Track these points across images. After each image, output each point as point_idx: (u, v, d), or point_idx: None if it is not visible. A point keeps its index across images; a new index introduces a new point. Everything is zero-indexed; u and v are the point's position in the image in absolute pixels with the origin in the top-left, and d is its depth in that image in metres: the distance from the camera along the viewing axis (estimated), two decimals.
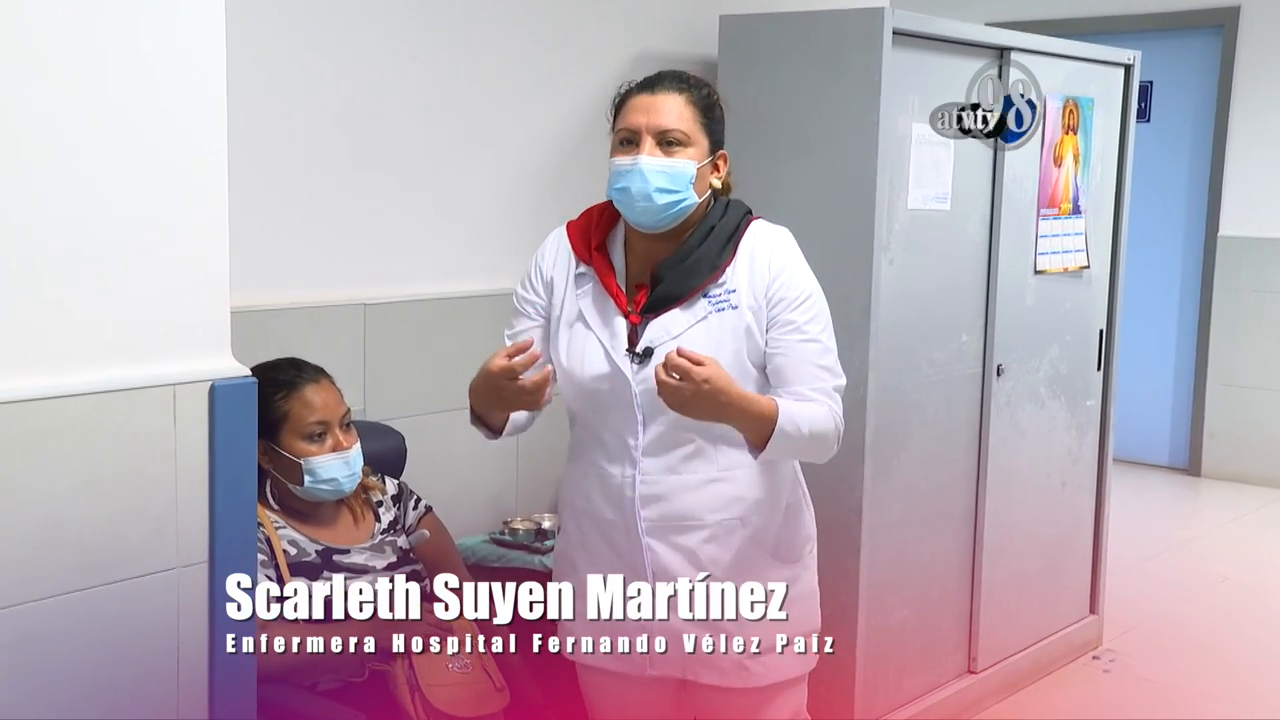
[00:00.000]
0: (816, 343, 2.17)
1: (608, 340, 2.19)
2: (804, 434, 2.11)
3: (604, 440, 2.23)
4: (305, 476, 2.42)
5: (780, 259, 2.20)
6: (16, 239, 1.73)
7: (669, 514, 2.19)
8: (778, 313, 2.17)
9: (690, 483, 2.19)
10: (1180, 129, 6.54)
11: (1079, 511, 4.10)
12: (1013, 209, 3.61)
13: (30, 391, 1.74)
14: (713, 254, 2.18)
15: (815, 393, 2.15)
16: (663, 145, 2.15)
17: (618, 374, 2.17)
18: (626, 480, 2.20)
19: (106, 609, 1.82)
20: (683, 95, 2.18)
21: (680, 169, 2.14)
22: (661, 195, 2.13)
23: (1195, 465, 6.58)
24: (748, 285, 2.18)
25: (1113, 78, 3.96)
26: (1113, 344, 4.08)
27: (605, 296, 2.21)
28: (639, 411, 2.17)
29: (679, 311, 2.17)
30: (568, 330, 2.23)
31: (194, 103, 1.88)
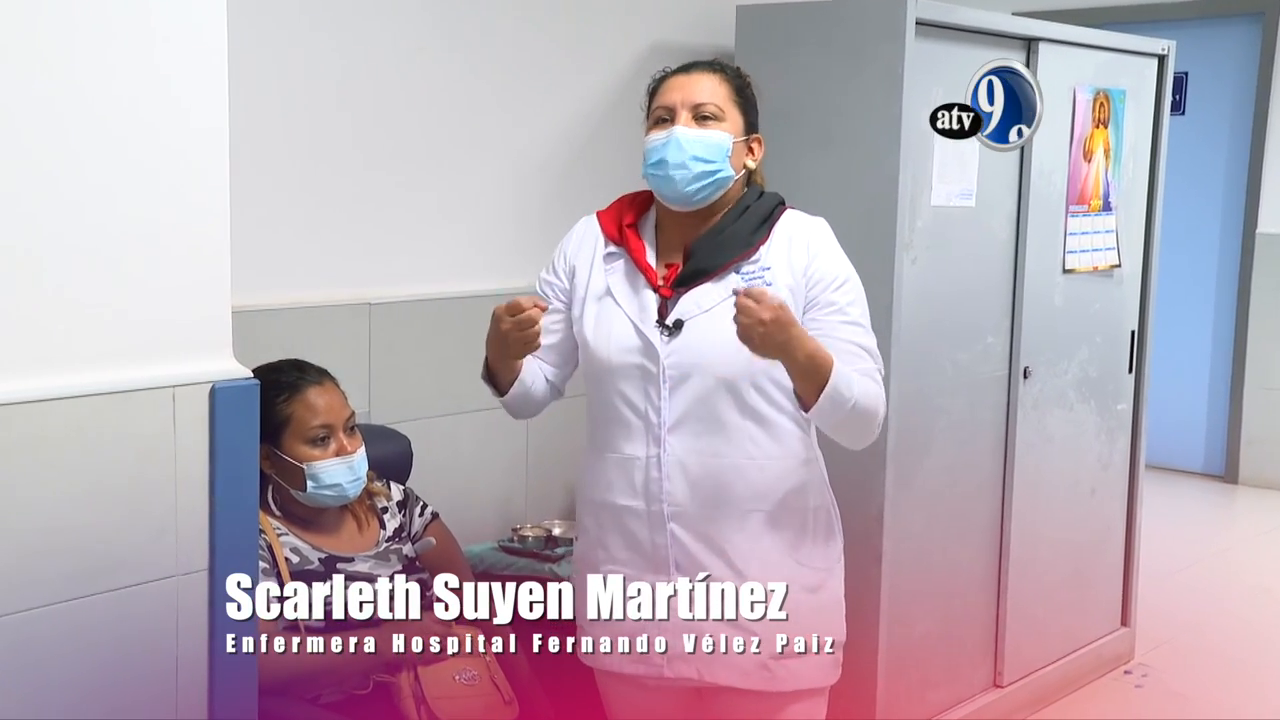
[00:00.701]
0: (857, 325, 2.21)
1: (635, 313, 2.22)
2: (854, 397, 2.11)
3: (626, 420, 2.24)
4: (308, 482, 2.43)
5: (819, 241, 2.25)
6: (12, 237, 1.74)
7: (695, 498, 2.20)
8: (817, 293, 2.20)
9: (718, 466, 2.20)
10: (1217, 122, 6.52)
11: (1109, 520, 4.09)
12: (1040, 205, 3.61)
13: (25, 394, 1.75)
14: (746, 231, 2.22)
15: (858, 373, 2.16)
16: (698, 119, 2.22)
17: (646, 346, 2.20)
18: (651, 460, 2.21)
19: (104, 617, 1.83)
20: (716, 74, 2.27)
21: (716, 139, 2.21)
22: (697, 164, 2.19)
23: (1232, 472, 6.56)
24: (785, 264, 2.21)
25: (1146, 69, 3.96)
26: (1145, 346, 4.08)
27: (635, 272, 2.25)
28: (665, 386, 2.19)
29: (711, 285, 2.20)
30: (595, 304, 2.27)
31: (195, 97, 1.90)
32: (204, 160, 1.92)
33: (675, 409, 2.20)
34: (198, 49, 1.89)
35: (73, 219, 1.80)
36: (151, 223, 1.87)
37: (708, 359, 2.18)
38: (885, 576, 3.26)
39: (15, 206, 1.74)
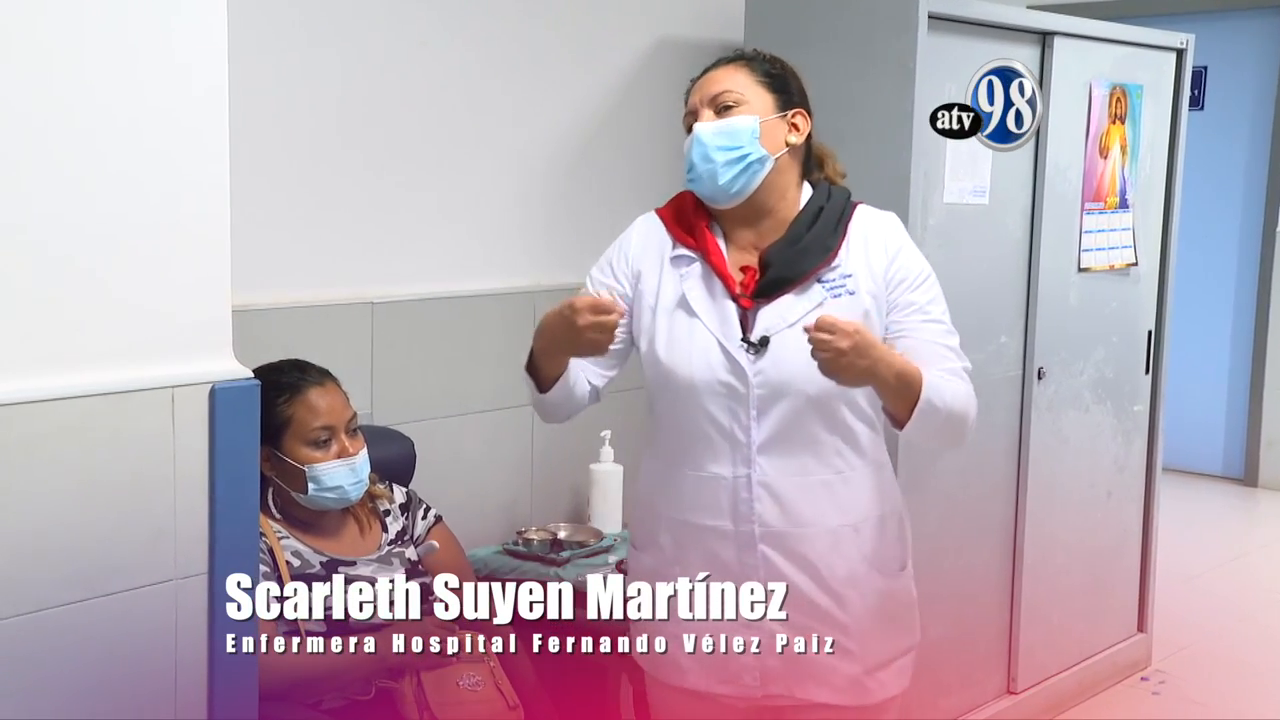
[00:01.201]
0: (940, 323, 2.18)
1: (717, 327, 2.15)
2: (947, 406, 2.07)
3: (710, 438, 2.16)
4: (309, 484, 2.43)
5: (896, 240, 2.20)
6: (9, 237, 1.75)
7: (786, 518, 2.15)
8: (898, 294, 2.16)
9: (809, 484, 2.15)
10: (1236, 117, 6.51)
11: (1126, 523, 4.09)
12: (1055, 203, 3.61)
13: (21, 394, 1.76)
14: (824, 236, 2.16)
15: (947, 374, 2.12)
16: (718, 112, 2.16)
17: (734, 365, 2.13)
18: (740, 481, 2.15)
19: (102, 621, 1.84)
20: (733, 64, 2.21)
21: (737, 125, 2.14)
22: (721, 154, 2.13)
23: (1251, 475, 6.55)
24: (865, 268, 2.17)
25: (1164, 63, 3.95)
26: (1162, 346, 4.07)
27: (712, 278, 2.17)
28: (754, 406, 2.13)
29: (792, 297, 2.14)
30: (666, 317, 2.19)
31: (195, 96, 1.90)
32: (204, 158, 1.92)
33: (765, 429, 2.14)
34: (197, 48, 1.90)
35: (71, 218, 1.80)
36: (151, 221, 1.87)
37: (799, 378, 2.10)
38: None
39: (13, 207, 1.75)
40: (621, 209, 3.61)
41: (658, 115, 3.64)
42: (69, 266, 1.81)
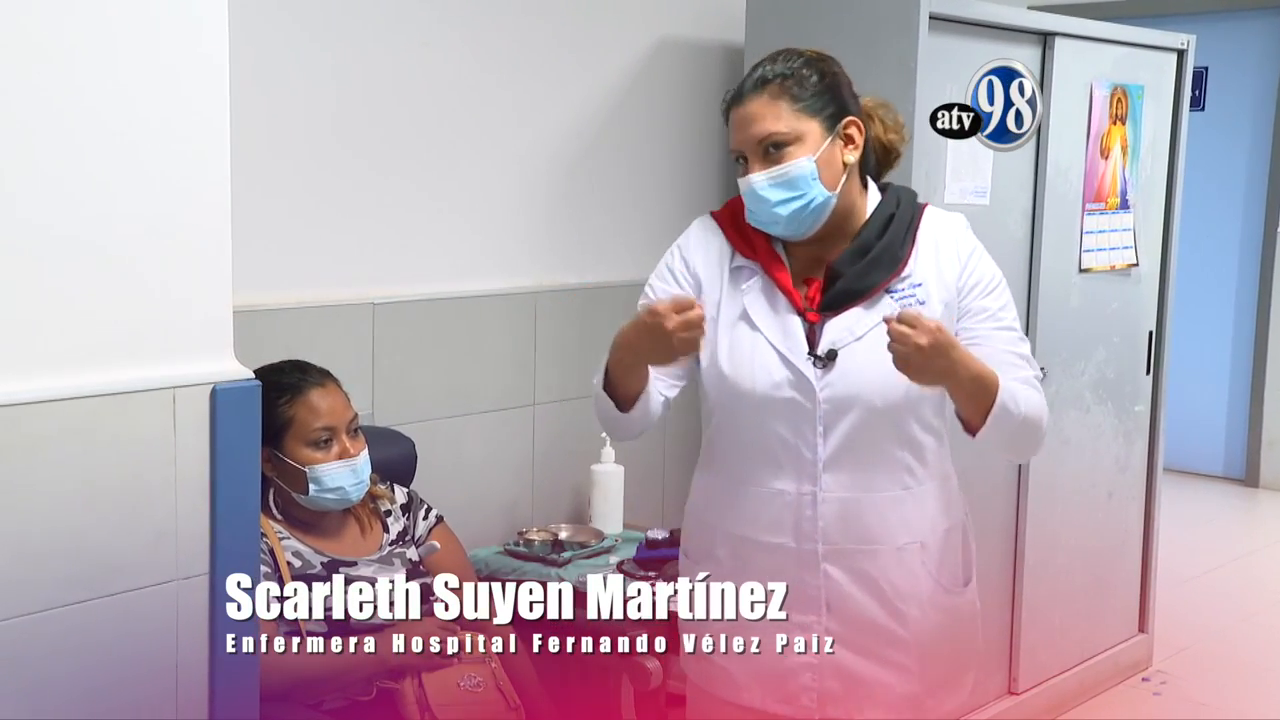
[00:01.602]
0: (1012, 330, 2.11)
1: (780, 341, 2.08)
2: (1021, 414, 2.00)
3: (773, 454, 2.10)
4: (310, 485, 2.43)
5: (966, 244, 2.13)
6: (11, 237, 1.75)
7: (852, 536, 2.09)
8: (971, 300, 2.10)
9: (876, 501, 2.10)
10: (1238, 118, 6.51)
11: (1127, 524, 4.08)
12: (1056, 203, 3.61)
13: (22, 395, 1.76)
14: (894, 246, 2.08)
15: (1020, 383, 2.04)
16: (766, 155, 2.04)
17: (800, 379, 2.07)
18: (805, 499, 2.09)
19: (103, 622, 1.84)
20: (767, 92, 2.06)
21: (794, 172, 2.04)
22: (784, 206, 2.04)
23: (1253, 475, 6.55)
24: (936, 276, 2.09)
25: (1164, 64, 3.95)
26: (1163, 346, 4.07)
27: (775, 292, 2.10)
28: (820, 422, 2.07)
29: (861, 310, 2.07)
30: (728, 332, 2.11)
31: (196, 95, 1.90)
32: (205, 158, 1.92)
33: (832, 444, 2.07)
34: (199, 47, 1.89)
35: (72, 218, 1.80)
36: (152, 222, 1.87)
37: (867, 392, 2.05)
38: None
39: (14, 206, 1.75)
40: (623, 208, 3.63)
41: (659, 115, 3.64)
42: (70, 268, 1.81)
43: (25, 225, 1.76)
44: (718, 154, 3.77)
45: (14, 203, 1.75)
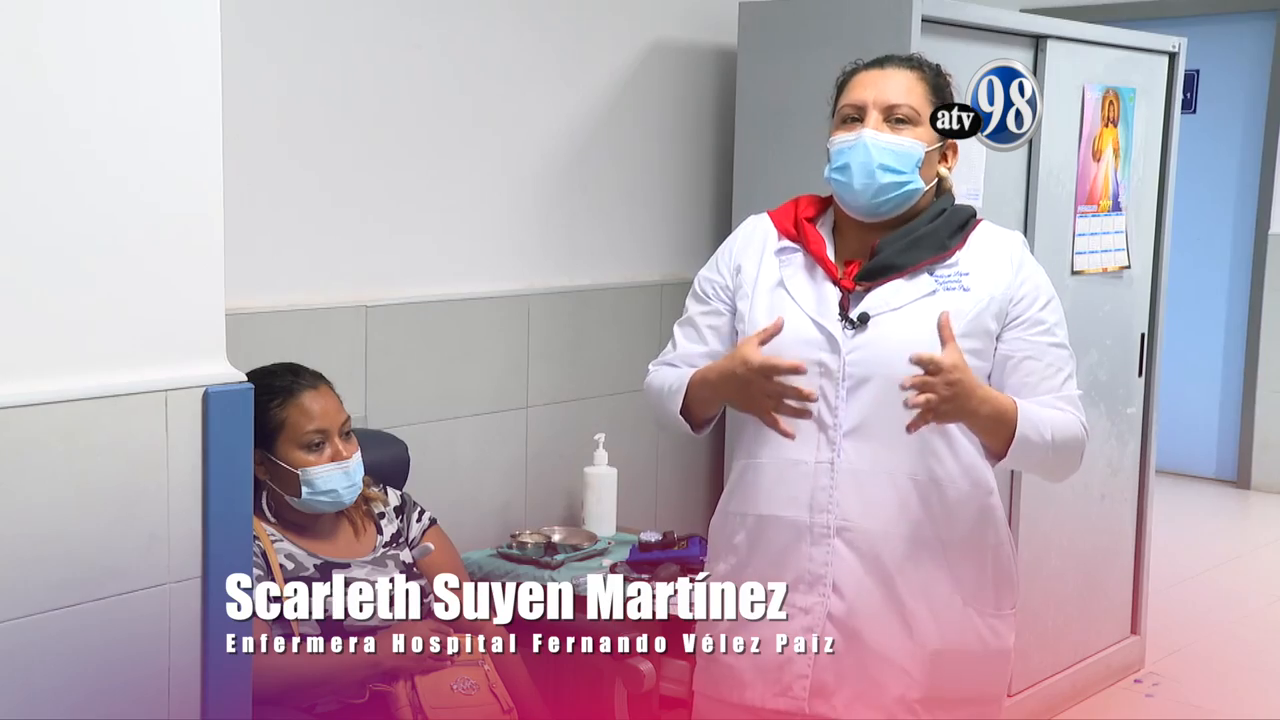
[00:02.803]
0: (1064, 348, 2.09)
1: (813, 306, 2.07)
2: (1047, 440, 1.99)
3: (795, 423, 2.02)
4: (303, 488, 2.43)
5: (1021, 255, 2.11)
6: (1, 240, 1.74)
7: (867, 513, 2.04)
8: (1022, 310, 2.07)
9: (898, 481, 2.04)
10: (1229, 121, 6.53)
11: (1119, 526, 4.09)
12: (1048, 206, 3.61)
13: (14, 398, 1.75)
14: (944, 234, 2.08)
15: (1062, 401, 2.04)
16: (890, 122, 2.07)
17: (828, 339, 2.04)
18: (822, 468, 2.05)
19: (95, 626, 1.83)
20: (913, 72, 2.11)
21: (908, 148, 2.06)
22: (885, 174, 2.04)
23: (1244, 477, 6.56)
24: (986, 274, 2.07)
25: (1156, 66, 3.96)
26: (1155, 348, 4.08)
27: (814, 265, 2.10)
28: (843, 386, 2.04)
29: (901, 282, 2.05)
30: (766, 295, 2.11)
31: (188, 98, 1.90)
32: (198, 161, 1.92)
33: (854, 412, 2.03)
34: (190, 50, 1.89)
35: (63, 222, 1.80)
36: (144, 225, 1.87)
37: (895, 360, 1.98)
38: None
39: (4, 210, 1.74)
40: (615, 212, 3.63)
41: (651, 118, 3.64)
42: (62, 270, 1.80)
43: (15, 229, 1.76)
44: (710, 157, 3.77)
45: (4, 207, 1.74)
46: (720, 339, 2.17)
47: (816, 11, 3.32)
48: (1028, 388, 2.05)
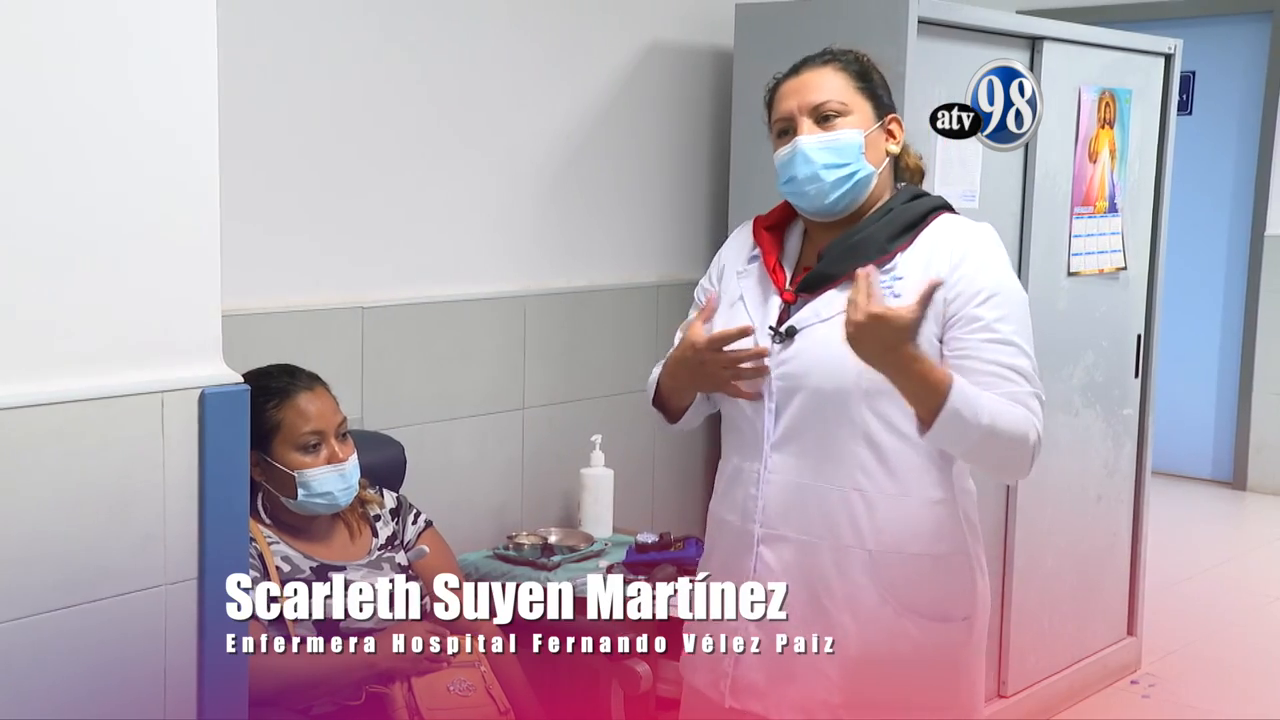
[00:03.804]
0: (1008, 344, 1.99)
1: (759, 320, 2.10)
2: (982, 424, 1.90)
3: (739, 429, 2.13)
4: (299, 490, 2.43)
5: (963, 249, 2.04)
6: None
7: (789, 523, 2.07)
8: (957, 308, 2.01)
9: (822, 492, 2.06)
10: (1225, 122, 6.54)
11: (1115, 527, 4.09)
12: (1045, 207, 3.61)
13: (9, 399, 1.75)
14: (883, 237, 2.06)
15: (1006, 398, 1.96)
16: (820, 121, 2.08)
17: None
18: (752, 475, 2.10)
19: (90, 627, 1.83)
20: (829, 66, 2.12)
21: (845, 140, 2.07)
22: (829, 171, 2.05)
23: (1240, 478, 6.56)
24: (921, 276, 2.00)
25: (1152, 68, 3.96)
26: (1151, 350, 4.08)
27: (766, 275, 2.15)
28: (770, 399, 2.07)
29: (835, 293, 2.05)
30: (727, 310, 2.16)
31: (185, 99, 1.90)
32: (195, 162, 1.92)
33: (782, 423, 2.07)
34: (187, 52, 1.89)
35: (59, 221, 1.80)
36: (140, 225, 1.87)
37: (816, 371, 2.03)
38: None
39: (1, 211, 1.74)
40: (611, 213, 3.63)
41: (648, 119, 3.65)
42: (57, 272, 1.80)
43: (12, 229, 1.76)
44: (706, 158, 3.77)
45: (1, 209, 1.74)
46: None
47: (813, 13, 3.32)
48: None
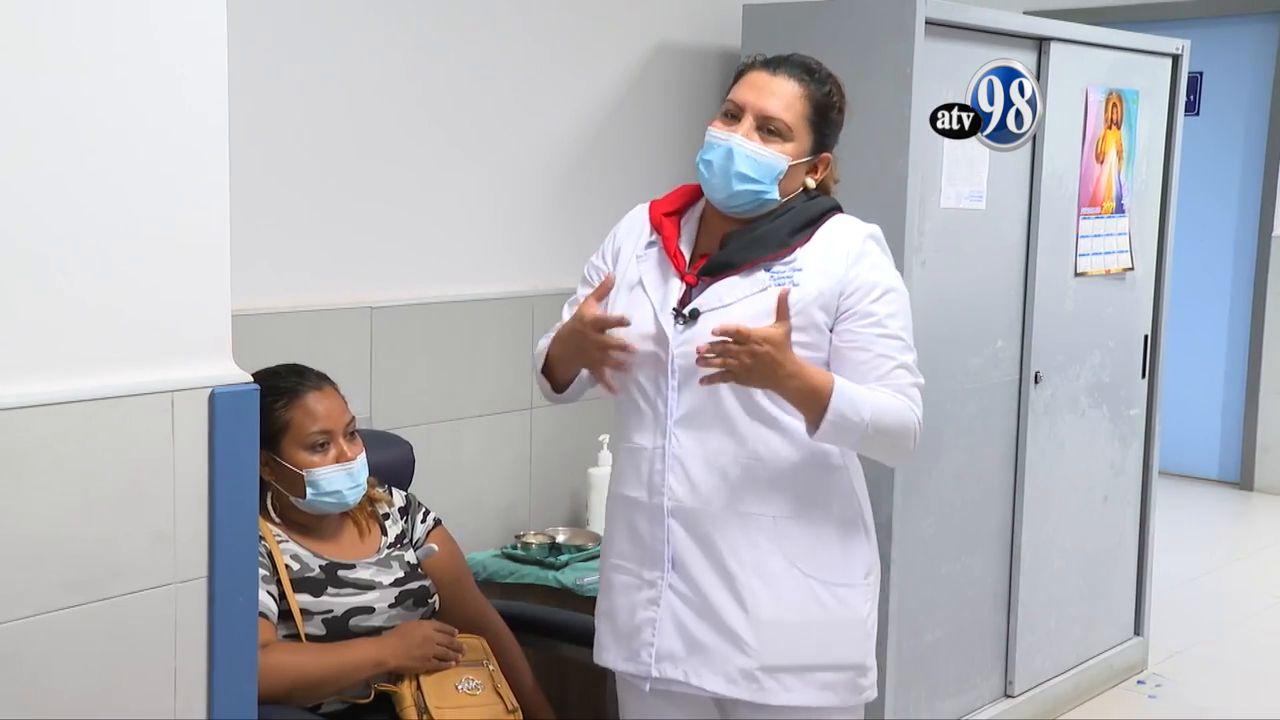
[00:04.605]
0: (895, 339, 2.15)
1: (659, 301, 2.20)
2: (865, 420, 2.07)
3: (639, 409, 2.22)
4: (308, 489, 2.43)
5: (859, 248, 2.18)
6: (8, 239, 1.75)
7: (696, 495, 2.18)
8: (852, 303, 2.14)
9: (721, 464, 2.17)
10: (1232, 122, 6.53)
11: (1122, 527, 4.09)
12: (1052, 208, 3.61)
13: (20, 399, 1.75)
14: (784, 231, 2.19)
15: (890, 389, 2.12)
16: (761, 131, 2.16)
17: (659, 334, 2.18)
18: (656, 452, 2.19)
19: (100, 625, 1.83)
20: (801, 85, 2.19)
21: (770, 161, 2.16)
22: (740, 181, 2.16)
23: (1247, 479, 6.55)
24: (819, 269, 2.16)
25: (1159, 68, 3.96)
26: (1158, 350, 4.08)
27: (666, 260, 2.23)
28: (673, 376, 2.17)
29: (737, 279, 2.17)
30: (626, 293, 2.24)
31: (194, 98, 1.90)
32: (204, 162, 1.92)
33: (684, 402, 2.17)
34: (198, 49, 1.89)
35: (69, 220, 1.80)
36: (150, 225, 1.87)
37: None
38: (894, 586, 3.26)
39: (12, 210, 1.75)
40: (619, 213, 3.61)
41: (655, 120, 3.64)
42: (68, 271, 1.80)
43: (23, 229, 1.76)
44: None
45: (11, 206, 1.74)
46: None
47: (821, 14, 3.32)
48: (858, 377, 2.13)
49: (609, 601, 2.29)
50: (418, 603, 2.50)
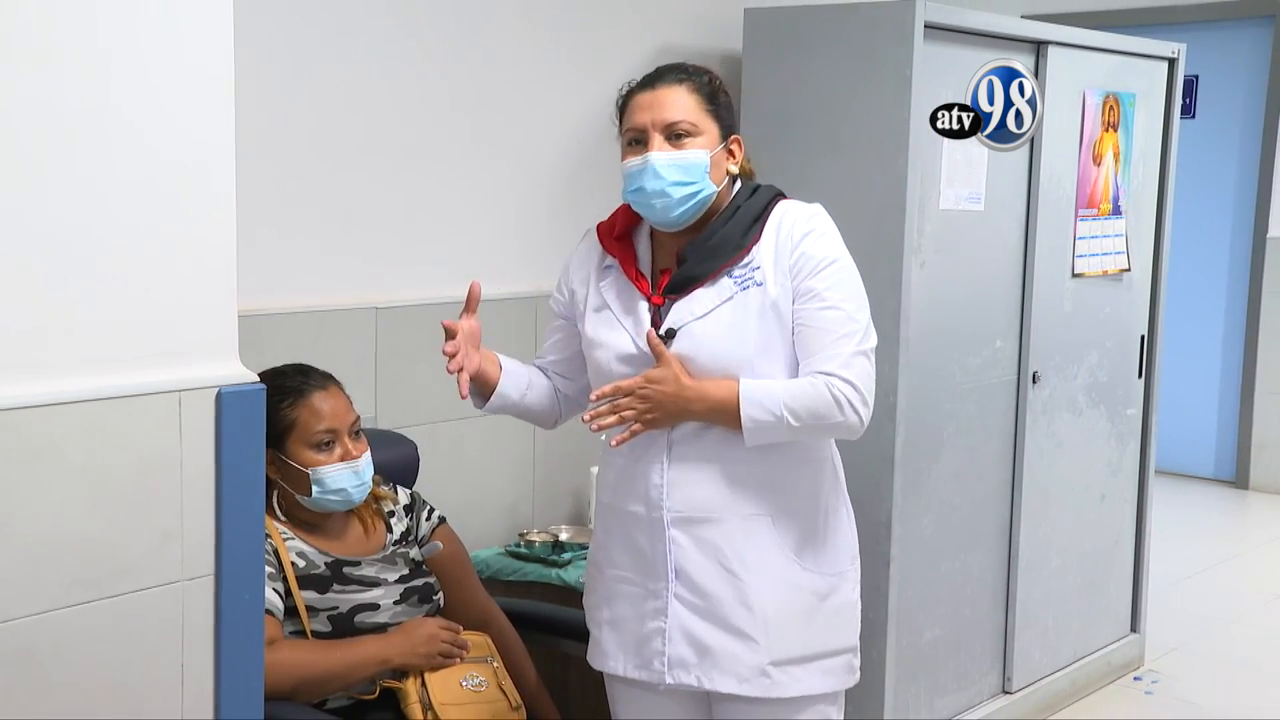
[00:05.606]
0: (837, 310, 2.17)
1: (632, 325, 2.23)
2: (781, 415, 2.11)
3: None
4: (313, 487, 2.43)
5: (803, 228, 2.21)
6: (16, 242, 1.74)
7: (694, 504, 2.21)
8: (799, 282, 2.19)
9: (718, 472, 2.21)
10: (1227, 125, 6.52)
11: (1119, 526, 4.09)
12: (1050, 209, 3.61)
13: (29, 399, 1.75)
14: (738, 233, 2.21)
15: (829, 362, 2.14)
16: (671, 139, 2.20)
17: (644, 356, 2.20)
18: (653, 467, 2.22)
19: (107, 624, 1.83)
20: (684, 85, 2.23)
21: (693, 160, 2.19)
22: (678, 189, 2.18)
23: (1243, 477, 6.55)
24: (772, 260, 2.20)
25: (1156, 72, 3.96)
26: (1155, 350, 4.07)
27: (628, 283, 2.26)
28: None
29: (703, 291, 2.20)
30: (594, 318, 2.29)
31: (200, 100, 1.90)
32: (210, 163, 1.92)
33: None
34: (204, 52, 1.89)
35: (77, 222, 1.80)
36: (157, 226, 1.87)
37: (703, 365, 2.17)
38: (893, 583, 3.26)
39: (19, 210, 1.74)
40: None
41: None
42: (75, 272, 1.80)
43: (31, 230, 1.76)
44: None
45: (19, 207, 1.74)
46: (562, 349, 2.40)
47: (821, 18, 3.32)
48: (805, 355, 2.17)
49: (613, 610, 2.30)
50: (422, 600, 2.50)
